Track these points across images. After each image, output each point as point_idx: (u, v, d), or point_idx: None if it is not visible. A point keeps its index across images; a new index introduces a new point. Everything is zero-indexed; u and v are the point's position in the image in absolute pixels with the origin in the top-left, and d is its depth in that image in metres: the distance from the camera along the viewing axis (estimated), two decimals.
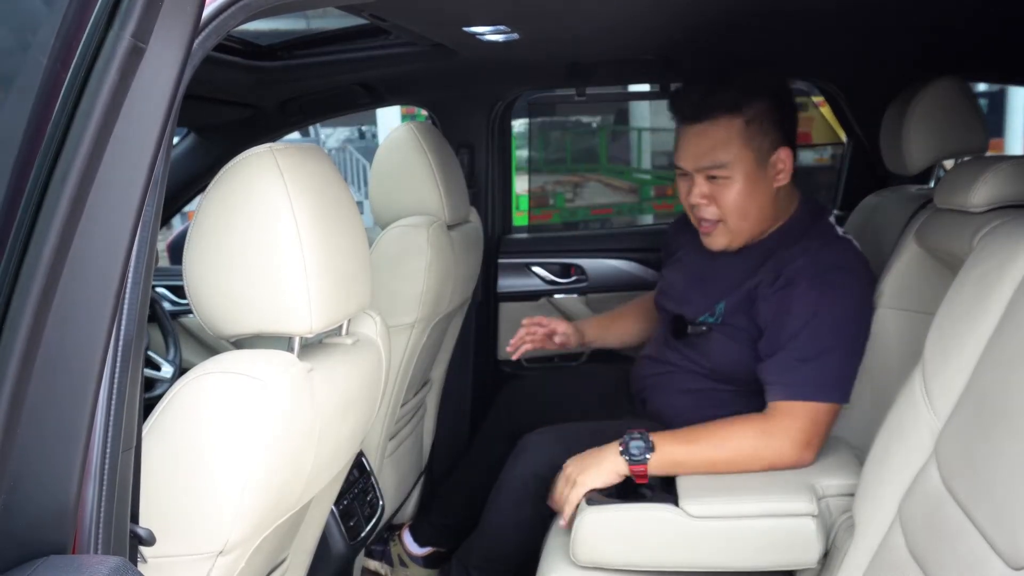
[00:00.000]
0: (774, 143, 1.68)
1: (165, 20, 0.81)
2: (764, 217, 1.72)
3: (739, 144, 1.65)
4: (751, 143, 1.66)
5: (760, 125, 1.66)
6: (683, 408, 1.79)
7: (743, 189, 1.67)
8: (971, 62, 2.29)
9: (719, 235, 1.74)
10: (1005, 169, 1.48)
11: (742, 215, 1.69)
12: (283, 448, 1.08)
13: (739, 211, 1.69)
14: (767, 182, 1.69)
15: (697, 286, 1.83)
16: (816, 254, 1.65)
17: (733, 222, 1.70)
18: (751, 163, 1.66)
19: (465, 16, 1.62)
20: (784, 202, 1.75)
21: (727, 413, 1.70)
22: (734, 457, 1.53)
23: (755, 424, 1.55)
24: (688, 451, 1.54)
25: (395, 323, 1.82)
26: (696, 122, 1.68)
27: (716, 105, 1.65)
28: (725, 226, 1.72)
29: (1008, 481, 0.97)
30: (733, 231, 1.72)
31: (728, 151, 1.65)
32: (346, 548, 1.59)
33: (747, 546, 1.43)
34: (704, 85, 1.68)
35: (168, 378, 1.93)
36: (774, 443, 1.52)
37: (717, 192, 1.68)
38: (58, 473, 0.79)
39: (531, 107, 3.22)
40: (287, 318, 1.11)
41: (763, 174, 1.68)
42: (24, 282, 0.72)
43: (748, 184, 1.67)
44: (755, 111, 1.66)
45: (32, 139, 0.73)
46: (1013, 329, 1.10)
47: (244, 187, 1.11)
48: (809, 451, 1.53)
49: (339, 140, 11.63)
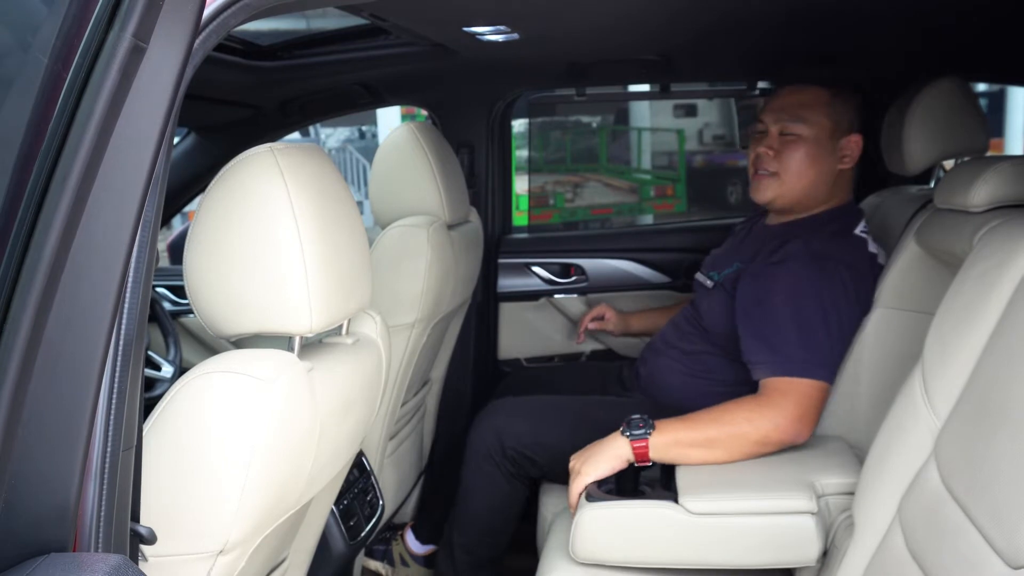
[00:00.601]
0: (851, 126, 1.80)
1: (166, 20, 0.81)
2: (816, 192, 1.81)
3: (821, 112, 1.77)
4: (832, 115, 1.78)
5: (844, 104, 1.79)
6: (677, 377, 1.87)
7: (809, 152, 1.77)
8: (971, 62, 2.29)
9: (768, 187, 1.81)
10: (1005, 169, 1.48)
11: (799, 175, 1.78)
12: (283, 448, 1.08)
13: (798, 171, 1.78)
14: (833, 157, 1.79)
15: (730, 251, 1.96)
16: (817, 242, 1.70)
17: (788, 179, 1.78)
18: (825, 132, 1.77)
19: (465, 16, 1.62)
20: (836, 190, 1.83)
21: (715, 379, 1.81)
22: (732, 432, 1.54)
23: (749, 401, 1.59)
24: (687, 427, 1.55)
25: (395, 323, 1.82)
26: (789, 85, 1.82)
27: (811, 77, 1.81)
28: (777, 180, 1.80)
29: (1008, 480, 0.97)
30: (784, 187, 1.80)
31: (811, 111, 1.77)
32: (346, 548, 1.59)
33: (746, 543, 1.44)
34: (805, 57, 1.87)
35: (168, 378, 1.94)
36: (768, 416, 1.54)
37: (785, 148, 1.78)
38: (59, 472, 0.79)
39: (531, 107, 3.23)
40: (287, 318, 1.11)
41: (831, 147, 1.79)
42: (25, 282, 0.72)
43: (815, 150, 1.77)
44: (845, 93, 1.80)
45: (33, 139, 0.73)
46: (1012, 329, 1.10)
47: (244, 187, 1.11)
48: (803, 426, 1.55)
49: (339, 140, 11.64)
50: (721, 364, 1.83)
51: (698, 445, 1.54)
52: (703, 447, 1.54)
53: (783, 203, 1.82)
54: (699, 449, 1.54)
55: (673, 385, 1.88)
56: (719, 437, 1.54)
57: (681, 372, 1.88)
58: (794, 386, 1.57)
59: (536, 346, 2.74)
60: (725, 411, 1.57)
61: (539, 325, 2.71)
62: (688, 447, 1.54)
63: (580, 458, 1.58)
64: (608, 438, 1.57)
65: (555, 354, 2.74)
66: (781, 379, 1.58)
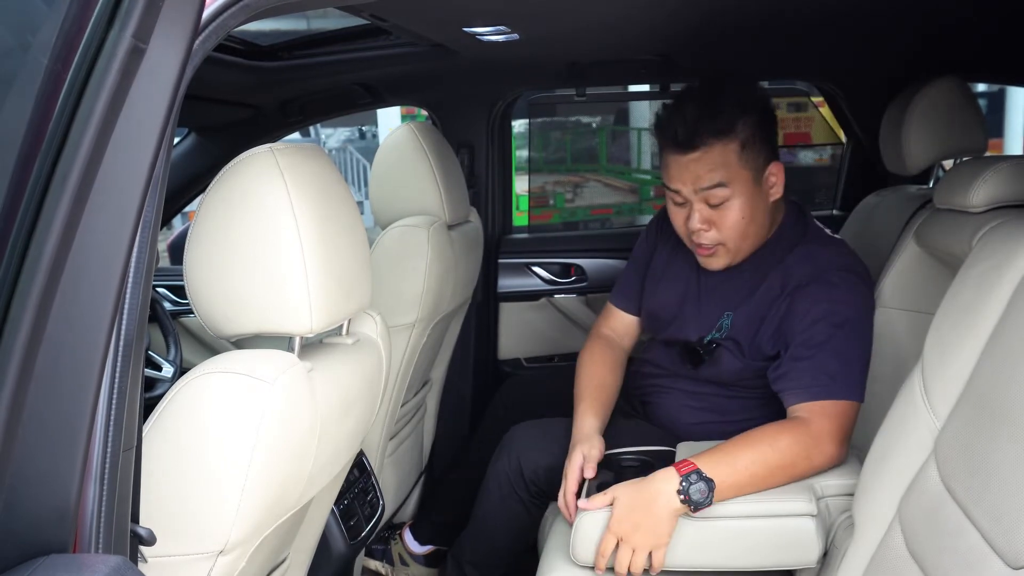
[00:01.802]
0: (767, 159, 1.65)
1: (166, 20, 0.81)
2: (762, 233, 1.69)
3: (737, 166, 1.60)
4: (748, 164, 1.61)
5: (754, 144, 1.62)
6: (687, 414, 1.78)
7: (743, 211, 1.62)
8: (971, 62, 2.29)
9: (719, 257, 1.69)
10: (1004, 169, 1.48)
11: (742, 236, 1.65)
12: (283, 448, 1.08)
13: (740, 233, 1.65)
14: (764, 199, 1.66)
15: (694, 304, 1.78)
16: (817, 258, 1.63)
17: (733, 243, 1.66)
18: (749, 183, 1.62)
19: (465, 16, 1.62)
20: (775, 211, 1.72)
21: (731, 418, 1.70)
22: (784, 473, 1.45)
23: (795, 430, 1.49)
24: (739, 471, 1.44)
25: (395, 323, 1.82)
26: (691, 150, 1.60)
27: (711, 132, 1.59)
28: (725, 248, 1.67)
29: (1007, 480, 0.97)
30: (733, 251, 1.68)
31: (728, 171, 1.60)
32: (346, 548, 1.59)
33: (746, 545, 1.43)
34: (693, 110, 1.60)
35: (169, 378, 1.93)
36: (821, 446, 1.47)
37: (717, 217, 1.63)
38: (59, 472, 0.79)
39: (531, 107, 3.22)
40: (287, 318, 1.11)
41: (760, 192, 1.65)
42: (25, 282, 0.72)
43: (748, 205, 1.63)
44: (748, 131, 1.61)
45: (33, 139, 0.73)
46: (1012, 329, 1.10)
47: (244, 187, 1.11)
48: (844, 449, 1.51)
49: (339, 140, 11.64)
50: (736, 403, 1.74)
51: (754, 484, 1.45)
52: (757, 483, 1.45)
53: (739, 260, 1.70)
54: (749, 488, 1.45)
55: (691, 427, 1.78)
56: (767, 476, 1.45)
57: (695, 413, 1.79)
58: (837, 409, 1.50)
59: (536, 346, 2.74)
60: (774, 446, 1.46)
61: (539, 325, 2.71)
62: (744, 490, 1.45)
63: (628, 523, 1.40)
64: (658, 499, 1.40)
65: (555, 354, 2.75)
66: (825, 403, 1.51)
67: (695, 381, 1.78)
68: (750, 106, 1.62)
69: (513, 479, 1.79)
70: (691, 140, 1.59)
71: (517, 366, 2.71)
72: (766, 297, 1.65)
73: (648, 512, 1.41)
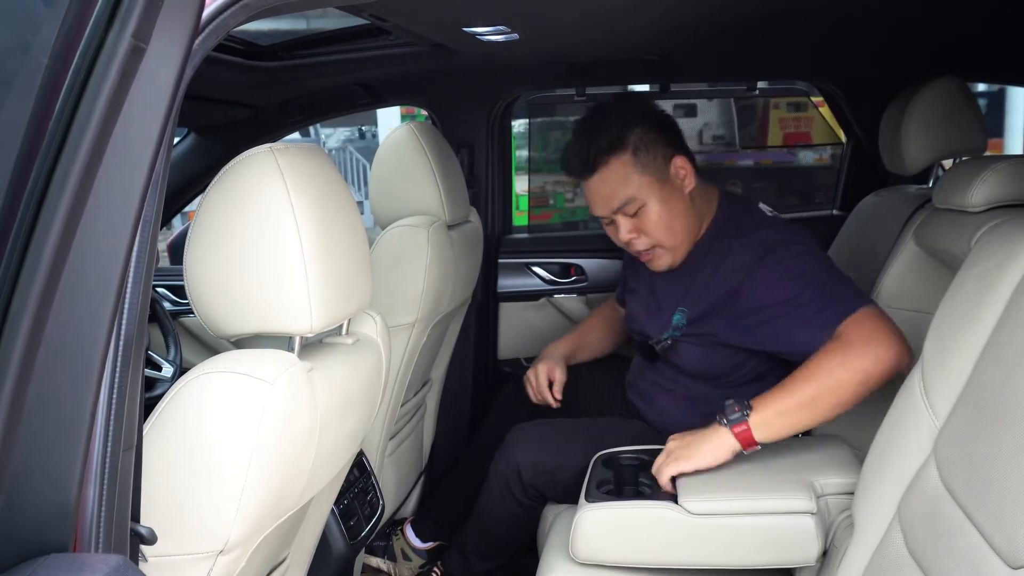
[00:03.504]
0: (666, 156, 1.77)
1: (165, 20, 0.81)
2: (691, 225, 1.80)
3: (636, 174, 1.74)
4: (646, 168, 1.74)
5: (646, 149, 1.75)
6: (677, 414, 1.82)
7: (660, 210, 1.75)
8: (971, 62, 2.29)
9: (660, 258, 1.81)
10: (1003, 169, 1.48)
11: (670, 232, 1.77)
12: (283, 447, 1.08)
13: (666, 229, 1.77)
14: (678, 193, 1.77)
15: (652, 307, 1.91)
16: (760, 242, 1.70)
17: (666, 241, 1.78)
18: (655, 185, 1.75)
19: (465, 16, 1.63)
20: (703, 203, 1.82)
21: None
22: (830, 384, 1.49)
23: (831, 351, 1.52)
24: (784, 394, 1.50)
25: (395, 323, 1.82)
26: (592, 174, 1.77)
27: (601, 151, 1.74)
28: (662, 249, 1.80)
29: (1007, 480, 0.97)
30: (670, 249, 1.80)
31: (630, 185, 1.74)
32: (346, 547, 1.59)
33: (746, 544, 1.44)
34: (583, 140, 1.78)
35: (168, 378, 1.93)
36: (860, 352, 1.49)
37: (640, 224, 1.77)
38: (59, 472, 0.79)
39: (531, 107, 3.23)
40: (287, 318, 1.11)
41: (670, 187, 1.76)
42: (25, 282, 0.72)
43: (662, 203, 1.75)
44: (635, 139, 1.74)
45: (33, 139, 0.73)
46: (1012, 329, 1.10)
47: (244, 187, 1.11)
48: (895, 342, 1.51)
49: (339, 140, 11.63)
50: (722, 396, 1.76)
51: (801, 408, 1.49)
52: (807, 408, 1.49)
53: (680, 256, 1.81)
54: (803, 411, 1.49)
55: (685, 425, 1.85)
56: (820, 392, 1.49)
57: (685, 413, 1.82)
58: (861, 318, 1.54)
59: (536, 346, 2.72)
60: (815, 368, 1.51)
61: (539, 325, 2.71)
62: (792, 414, 1.49)
63: (681, 442, 1.54)
64: (708, 430, 1.52)
65: None
66: (845, 321, 1.54)
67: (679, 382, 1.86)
68: (631, 119, 1.77)
69: (511, 481, 1.83)
70: (588, 165, 1.77)
71: (517, 366, 2.70)
72: (720, 288, 1.72)
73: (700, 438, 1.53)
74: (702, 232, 1.82)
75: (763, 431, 1.50)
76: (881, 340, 1.50)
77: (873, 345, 1.50)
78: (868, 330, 1.52)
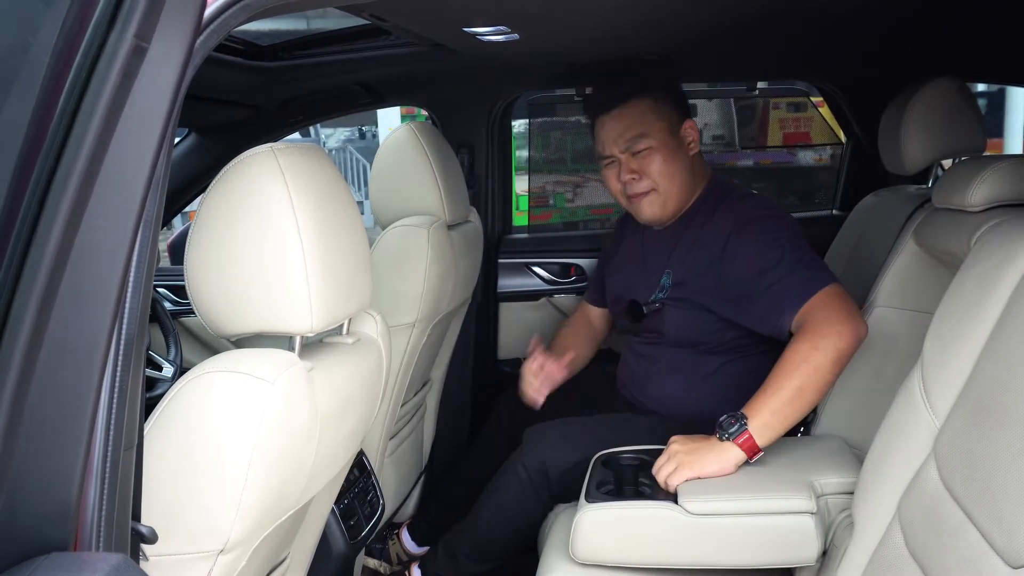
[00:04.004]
0: (680, 116, 1.93)
1: (167, 20, 0.81)
2: (686, 185, 1.92)
3: (653, 117, 1.89)
4: (662, 116, 1.89)
5: (664, 102, 1.91)
6: (675, 388, 1.90)
7: (665, 156, 1.88)
8: (970, 62, 2.29)
9: (651, 203, 1.91)
10: (1003, 168, 1.48)
11: (670, 179, 1.89)
12: (283, 447, 1.08)
13: (666, 175, 1.89)
14: (683, 150, 1.91)
15: (639, 271, 2.01)
16: (740, 210, 1.82)
17: (663, 186, 1.89)
18: (666, 132, 1.89)
19: (465, 16, 1.63)
20: (699, 173, 1.95)
21: (716, 381, 1.85)
22: (810, 370, 1.55)
23: (801, 338, 1.60)
24: (772, 394, 1.56)
25: (395, 323, 1.82)
26: (611, 110, 1.91)
27: (625, 92, 1.90)
28: (656, 194, 1.90)
29: (1007, 480, 0.97)
30: (663, 196, 1.90)
31: (645, 123, 1.88)
32: (346, 547, 1.59)
33: (746, 544, 1.44)
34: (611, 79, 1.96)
35: (169, 378, 1.94)
36: (826, 334, 1.57)
37: (643, 164, 1.89)
38: (60, 471, 0.79)
39: (531, 107, 3.23)
40: (288, 317, 1.11)
41: (678, 142, 1.91)
42: (26, 282, 0.72)
43: (668, 151, 1.88)
44: (656, 91, 1.91)
45: (34, 139, 0.73)
46: (1012, 328, 1.10)
47: (245, 187, 1.11)
48: (856, 319, 1.60)
49: (339, 140, 11.64)
50: (715, 363, 1.87)
51: (791, 401, 1.55)
52: (796, 400, 1.55)
53: (669, 210, 1.92)
54: (794, 404, 1.55)
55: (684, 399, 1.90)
56: (804, 382, 1.55)
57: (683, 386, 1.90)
58: (823, 298, 1.62)
59: None
60: (790, 359, 1.58)
61: (539, 325, 2.71)
62: (785, 410, 1.55)
63: (685, 447, 1.56)
64: (712, 443, 1.55)
65: None
66: (808, 302, 1.63)
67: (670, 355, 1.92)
68: (657, 79, 1.95)
69: (535, 478, 1.81)
70: (611, 101, 1.92)
71: (517, 366, 2.70)
72: (701, 253, 1.84)
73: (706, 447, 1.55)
74: (690, 203, 1.94)
75: (764, 434, 1.53)
76: (842, 318, 1.59)
77: (836, 324, 1.58)
78: (831, 309, 1.61)
